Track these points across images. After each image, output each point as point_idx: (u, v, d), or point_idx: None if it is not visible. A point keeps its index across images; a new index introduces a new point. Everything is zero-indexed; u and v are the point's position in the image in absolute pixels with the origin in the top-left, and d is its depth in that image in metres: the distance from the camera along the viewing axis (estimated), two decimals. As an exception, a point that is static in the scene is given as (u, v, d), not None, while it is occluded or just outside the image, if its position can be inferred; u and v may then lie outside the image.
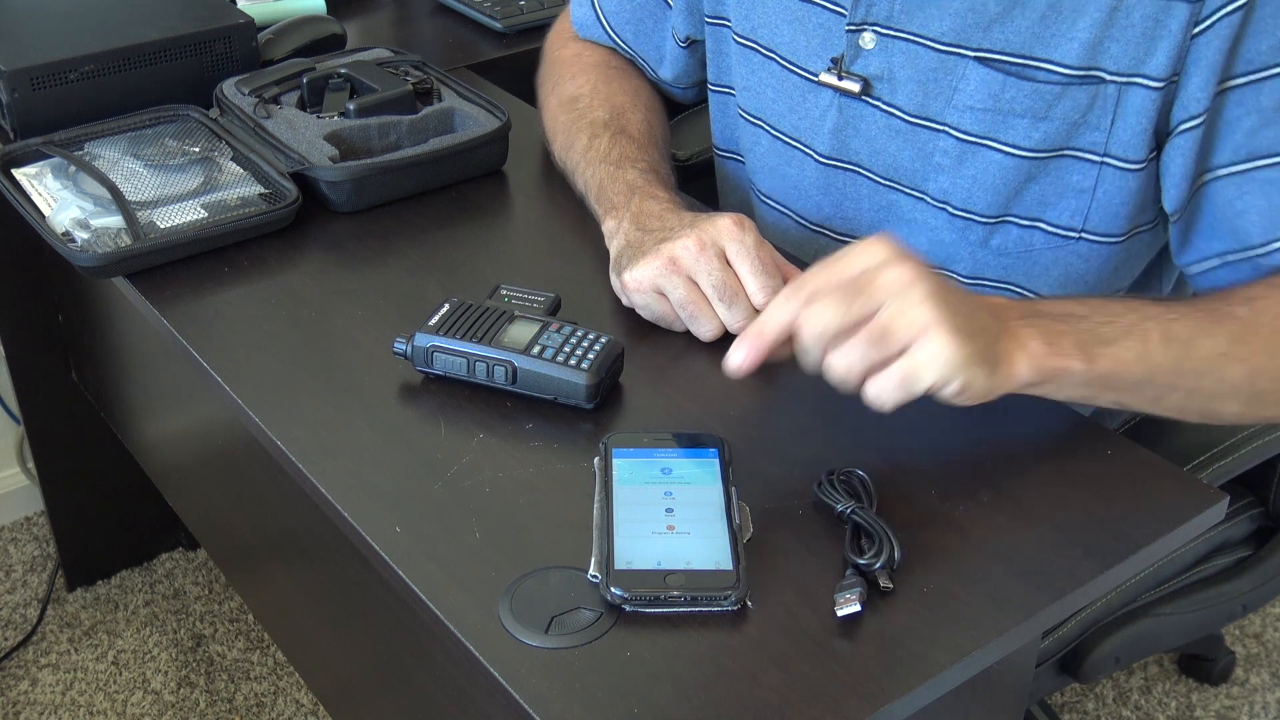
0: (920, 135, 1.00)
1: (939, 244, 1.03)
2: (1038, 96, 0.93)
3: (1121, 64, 0.90)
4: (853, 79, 1.01)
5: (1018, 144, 0.95)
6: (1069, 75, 0.92)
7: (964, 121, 0.97)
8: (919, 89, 0.98)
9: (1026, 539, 0.77)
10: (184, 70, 1.21)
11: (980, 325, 0.77)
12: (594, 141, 1.08)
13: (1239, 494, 1.21)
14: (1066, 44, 0.91)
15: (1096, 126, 0.93)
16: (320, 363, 0.93)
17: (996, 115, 0.95)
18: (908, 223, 1.05)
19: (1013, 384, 0.79)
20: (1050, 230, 0.99)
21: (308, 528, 1.07)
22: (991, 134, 0.96)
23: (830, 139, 1.05)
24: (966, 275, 1.04)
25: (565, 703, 0.66)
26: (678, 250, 0.91)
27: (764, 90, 1.10)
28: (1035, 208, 0.98)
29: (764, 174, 1.15)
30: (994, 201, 0.98)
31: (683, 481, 0.79)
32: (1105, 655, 1.13)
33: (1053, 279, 1.02)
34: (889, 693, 0.67)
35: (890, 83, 1.00)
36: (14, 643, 1.78)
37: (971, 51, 0.94)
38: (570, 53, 1.23)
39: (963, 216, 1.00)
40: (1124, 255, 1.01)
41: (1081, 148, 0.94)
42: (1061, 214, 0.98)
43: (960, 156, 0.98)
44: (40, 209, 1.06)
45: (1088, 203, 0.96)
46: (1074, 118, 0.93)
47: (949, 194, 1.00)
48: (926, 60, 0.97)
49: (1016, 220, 0.99)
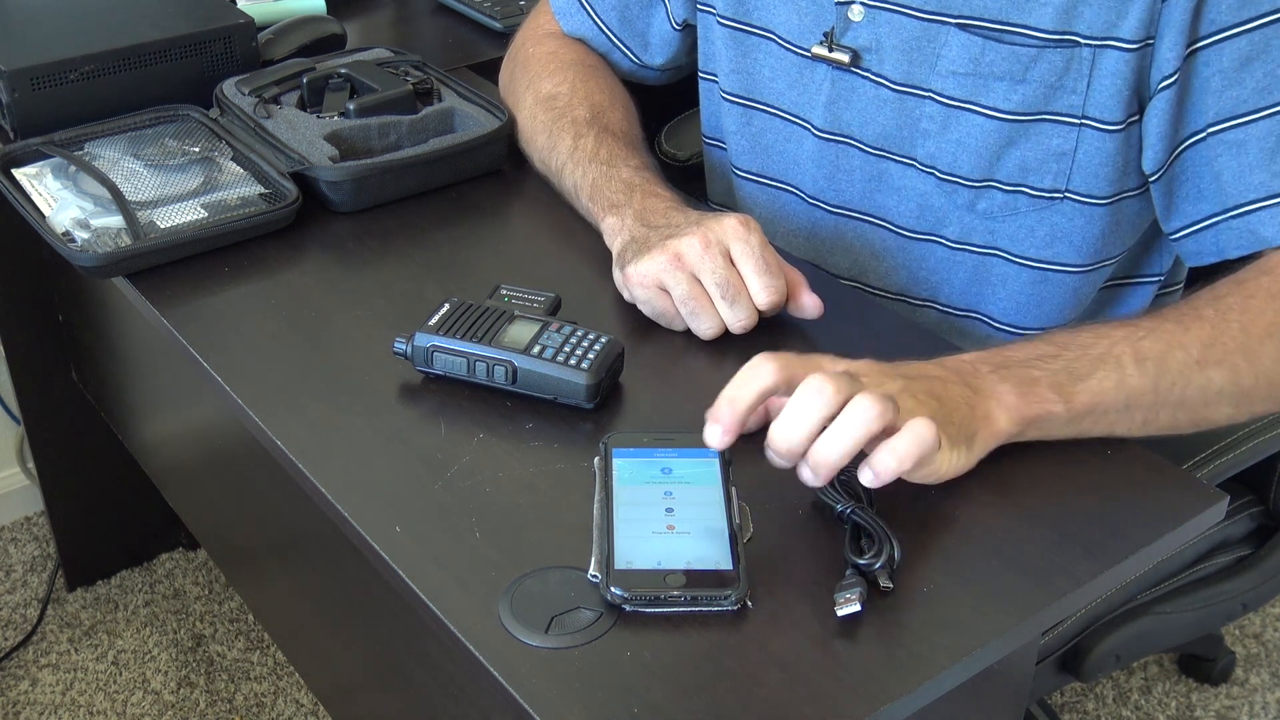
0: (907, 103, 1.03)
1: (928, 209, 1.07)
2: (1015, 59, 0.96)
3: (1095, 27, 0.93)
4: (843, 51, 1.04)
5: (997, 106, 0.98)
6: (1045, 39, 0.95)
7: (947, 87, 1.00)
8: (904, 57, 1.02)
9: (1026, 539, 0.77)
10: (184, 70, 1.21)
11: (950, 407, 0.78)
12: (579, 141, 1.08)
13: (1239, 492, 1.21)
14: (1041, 8, 0.94)
15: (1073, 90, 0.96)
16: (320, 363, 0.93)
17: (977, 79, 0.98)
18: (897, 190, 1.08)
19: (994, 442, 0.80)
20: (1034, 194, 1.01)
21: (308, 528, 1.07)
22: (973, 98, 0.99)
23: (825, 112, 1.08)
24: (954, 239, 1.07)
25: (565, 703, 0.66)
26: (683, 247, 0.92)
27: (759, 70, 1.12)
28: (1018, 173, 1.01)
29: (755, 153, 1.17)
30: (978, 165, 1.01)
31: (683, 481, 0.79)
32: (1105, 654, 1.13)
33: (1039, 239, 1.04)
34: (889, 693, 0.67)
35: (878, 53, 1.03)
36: (14, 643, 1.78)
37: (953, 18, 0.98)
38: (545, 50, 1.23)
39: (949, 180, 1.03)
40: (1111, 220, 1.03)
41: (1060, 111, 0.97)
42: (1044, 178, 1.00)
43: (945, 121, 1.01)
44: (40, 209, 1.06)
45: (1069, 165, 0.99)
46: (1050, 80, 0.96)
47: (935, 158, 1.03)
48: (911, 29, 1.00)
49: (1000, 185, 1.02)
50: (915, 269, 1.10)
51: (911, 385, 0.78)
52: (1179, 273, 1.15)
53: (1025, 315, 1.09)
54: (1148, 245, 1.10)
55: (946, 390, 0.79)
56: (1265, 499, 1.21)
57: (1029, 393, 0.80)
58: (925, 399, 0.77)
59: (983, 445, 0.79)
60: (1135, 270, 1.12)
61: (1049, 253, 1.05)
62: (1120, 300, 1.13)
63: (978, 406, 0.79)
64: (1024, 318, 1.09)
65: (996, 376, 0.81)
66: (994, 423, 0.79)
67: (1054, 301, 1.08)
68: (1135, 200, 1.02)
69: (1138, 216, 1.05)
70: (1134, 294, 1.13)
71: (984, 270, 1.08)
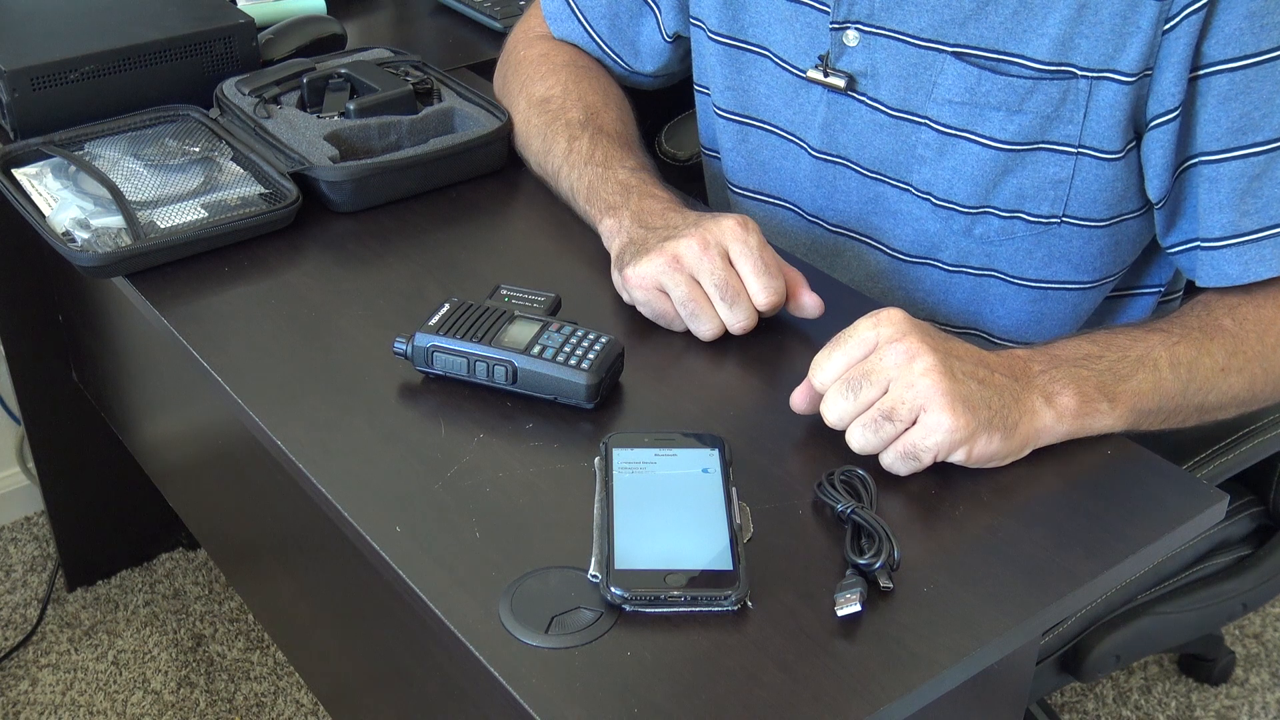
0: (903, 128, 1.02)
1: (924, 234, 1.06)
2: (1011, 90, 0.96)
3: (1092, 60, 0.93)
4: (838, 75, 1.04)
5: (994, 136, 0.98)
6: (1040, 70, 0.94)
7: (943, 114, 0.99)
8: (900, 84, 1.01)
9: (1026, 539, 0.77)
10: (184, 70, 1.21)
11: (992, 391, 0.80)
12: (573, 144, 1.08)
13: (1239, 492, 1.21)
14: (1037, 39, 0.94)
15: (1069, 120, 0.95)
16: (320, 363, 0.93)
17: (973, 108, 0.98)
18: (893, 214, 1.07)
19: (1043, 439, 0.82)
20: (1031, 219, 1.01)
21: (308, 528, 1.07)
22: (969, 126, 0.99)
23: (820, 133, 1.08)
24: (951, 263, 1.07)
25: (565, 703, 0.66)
26: (681, 248, 0.92)
27: (755, 88, 1.12)
28: (1014, 200, 1.00)
29: (751, 170, 1.16)
30: (974, 192, 1.01)
31: (683, 481, 0.79)
32: (1105, 653, 1.13)
33: (1037, 260, 1.04)
34: (889, 693, 0.67)
35: (873, 78, 1.02)
36: (14, 643, 1.78)
37: (949, 47, 0.97)
38: (537, 52, 1.23)
39: (945, 207, 1.03)
40: (1110, 240, 1.03)
41: (1056, 140, 0.97)
42: (1041, 205, 1.00)
43: (941, 148, 1.01)
44: (40, 209, 1.06)
45: (1066, 192, 0.99)
46: (1047, 111, 0.95)
47: (931, 185, 1.03)
48: (907, 56, 1.00)
49: (997, 212, 1.01)
50: (912, 290, 1.10)
51: (953, 363, 0.79)
52: (1179, 281, 1.15)
53: (1026, 331, 1.09)
54: (1149, 257, 1.09)
55: (991, 376, 0.81)
56: (1265, 499, 1.21)
57: (1083, 394, 0.83)
58: (964, 379, 0.79)
59: (1024, 438, 0.81)
60: (1137, 281, 1.11)
61: (1048, 272, 1.05)
62: (1122, 310, 1.13)
63: (1023, 399, 0.81)
64: (1024, 333, 1.09)
65: (1048, 377, 0.83)
66: (1039, 418, 0.81)
67: (1055, 317, 1.08)
68: (1135, 220, 1.02)
69: (1138, 235, 1.04)
70: (1135, 304, 1.13)
71: (982, 290, 1.08)
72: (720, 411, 0.88)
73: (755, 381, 0.91)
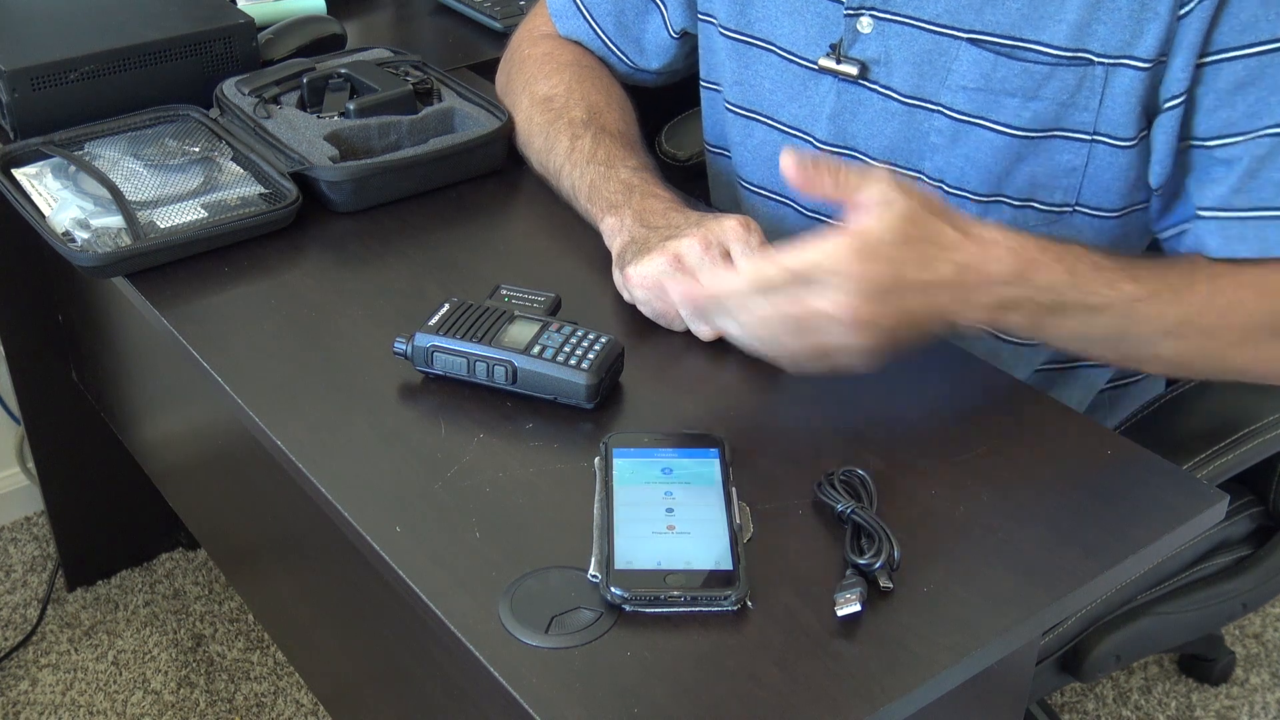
0: (916, 116, 1.02)
1: None
2: (1027, 76, 0.95)
3: (1109, 46, 0.92)
4: (851, 63, 1.03)
5: (1009, 123, 0.97)
6: (1057, 56, 0.94)
7: (957, 101, 0.99)
8: (914, 70, 1.00)
9: (1027, 539, 0.77)
10: (184, 70, 1.21)
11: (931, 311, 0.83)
12: (576, 143, 1.08)
13: (1239, 492, 1.21)
14: (1055, 25, 0.93)
15: (1085, 107, 0.95)
16: (320, 363, 0.93)
17: (988, 95, 0.97)
18: None
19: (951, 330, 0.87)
20: (1043, 208, 1.01)
21: (308, 528, 1.07)
22: (983, 113, 0.98)
23: (829, 124, 1.07)
24: None
25: (565, 703, 0.66)
26: (683, 248, 0.92)
27: (760, 83, 1.11)
28: (1027, 188, 1.00)
29: (757, 165, 1.16)
30: (986, 180, 1.01)
31: (683, 481, 0.79)
32: (1105, 654, 1.13)
33: None
34: (889, 693, 0.67)
35: (887, 65, 1.02)
36: (14, 643, 1.78)
37: (964, 33, 0.97)
38: (541, 51, 1.23)
39: (957, 195, 1.02)
40: (1120, 232, 1.03)
41: (1071, 128, 0.96)
42: (1054, 194, 1.00)
43: (954, 136, 1.00)
44: (40, 209, 1.06)
45: (1079, 180, 0.99)
46: (1063, 98, 0.95)
47: (943, 173, 1.02)
48: (921, 42, 0.99)
49: (1009, 200, 1.01)
50: None
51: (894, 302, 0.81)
52: None
53: None
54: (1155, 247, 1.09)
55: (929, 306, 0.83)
56: (1265, 499, 1.21)
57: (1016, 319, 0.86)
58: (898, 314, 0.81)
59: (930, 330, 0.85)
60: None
61: None
62: None
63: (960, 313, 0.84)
64: None
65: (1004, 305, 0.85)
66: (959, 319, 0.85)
67: None
68: (1145, 213, 1.02)
69: (1147, 230, 1.04)
70: None
71: None
72: (720, 411, 0.88)
73: (755, 381, 0.91)
